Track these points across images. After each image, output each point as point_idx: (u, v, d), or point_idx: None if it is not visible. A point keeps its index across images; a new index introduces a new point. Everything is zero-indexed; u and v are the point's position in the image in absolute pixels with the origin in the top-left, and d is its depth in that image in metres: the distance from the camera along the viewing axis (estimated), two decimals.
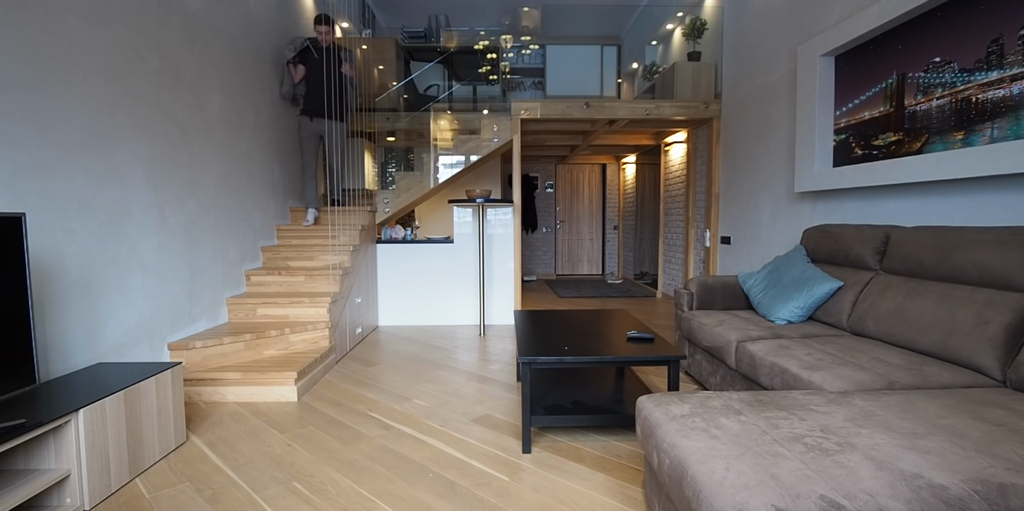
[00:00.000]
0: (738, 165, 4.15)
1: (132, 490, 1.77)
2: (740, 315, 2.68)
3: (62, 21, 2.03)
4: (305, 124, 3.95)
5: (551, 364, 2.01)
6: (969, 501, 0.95)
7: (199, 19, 2.95)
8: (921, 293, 2.02)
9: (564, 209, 8.33)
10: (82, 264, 2.12)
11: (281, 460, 1.99)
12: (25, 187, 1.87)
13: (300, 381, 2.69)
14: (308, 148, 3.98)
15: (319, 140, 4.04)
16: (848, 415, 1.31)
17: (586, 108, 4.45)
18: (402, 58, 5.77)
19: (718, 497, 1.00)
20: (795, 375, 1.82)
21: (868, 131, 2.67)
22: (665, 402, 1.44)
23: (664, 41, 6.13)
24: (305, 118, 3.93)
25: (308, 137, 3.98)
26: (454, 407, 2.54)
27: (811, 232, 2.85)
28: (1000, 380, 1.67)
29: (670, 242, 5.92)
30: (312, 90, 3.90)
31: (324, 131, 3.99)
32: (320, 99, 3.88)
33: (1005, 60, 1.96)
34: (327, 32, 3.89)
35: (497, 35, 5.86)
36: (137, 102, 2.45)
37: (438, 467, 1.92)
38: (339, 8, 5.51)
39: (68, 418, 1.58)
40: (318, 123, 3.95)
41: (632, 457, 1.99)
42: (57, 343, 2.00)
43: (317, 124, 3.95)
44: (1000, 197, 2.04)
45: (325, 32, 3.88)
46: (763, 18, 3.73)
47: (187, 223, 2.83)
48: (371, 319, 4.31)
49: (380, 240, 4.50)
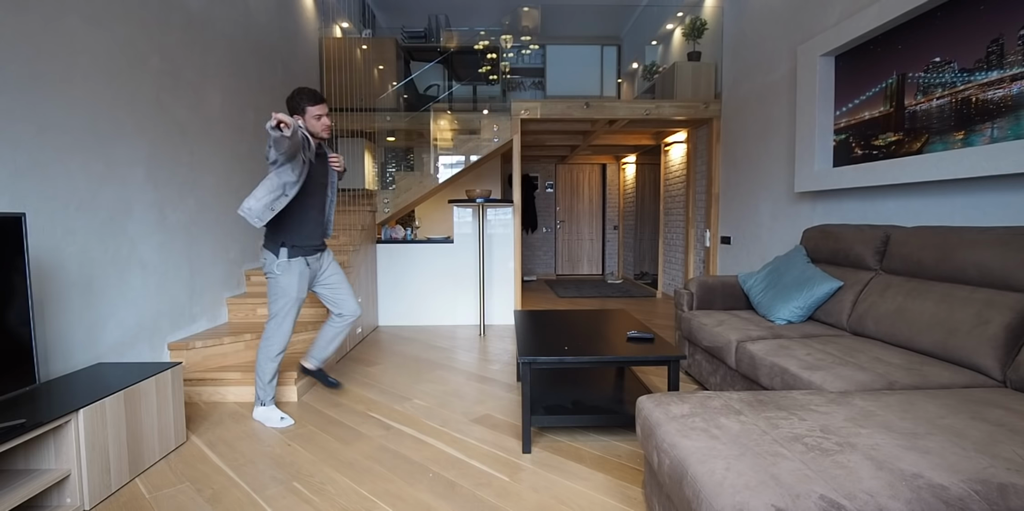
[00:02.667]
0: (738, 165, 4.15)
1: (132, 490, 1.77)
2: (740, 315, 2.68)
3: (62, 21, 2.03)
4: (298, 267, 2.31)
5: (551, 364, 2.01)
6: (969, 501, 0.95)
7: (199, 19, 2.95)
8: (921, 293, 2.02)
9: (564, 209, 8.33)
10: (82, 264, 2.12)
11: (281, 460, 1.99)
12: (25, 187, 1.87)
13: (300, 381, 2.69)
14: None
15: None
16: (848, 415, 1.31)
17: (586, 108, 4.45)
18: (402, 58, 5.77)
19: (718, 497, 1.00)
20: (795, 375, 1.82)
21: (868, 131, 2.67)
22: (665, 402, 1.44)
23: (664, 41, 6.13)
24: (299, 262, 2.30)
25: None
26: (454, 407, 2.54)
27: (811, 232, 2.85)
28: (1000, 380, 1.67)
29: (670, 242, 5.92)
30: (309, 215, 2.33)
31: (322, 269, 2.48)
32: (320, 231, 2.44)
33: (1005, 60, 1.96)
34: (327, 118, 2.30)
35: (497, 35, 5.87)
36: (137, 102, 2.45)
37: (438, 467, 1.92)
38: (339, 8, 5.52)
39: (68, 418, 1.58)
40: (314, 264, 2.40)
41: (632, 457, 1.99)
42: (57, 343, 2.00)
43: (314, 266, 2.40)
44: (1000, 197, 2.04)
45: (325, 121, 2.29)
46: (763, 18, 3.73)
47: (187, 223, 2.83)
48: (371, 319, 4.31)
49: (380, 240, 4.50)
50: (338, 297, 2.51)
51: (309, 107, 2.24)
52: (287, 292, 2.29)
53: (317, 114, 2.26)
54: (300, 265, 2.31)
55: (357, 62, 5.19)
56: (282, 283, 2.28)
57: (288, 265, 2.27)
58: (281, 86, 4.03)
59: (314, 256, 2.40)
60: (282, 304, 2.30)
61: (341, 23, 5.66)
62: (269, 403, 2.37)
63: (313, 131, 2.28)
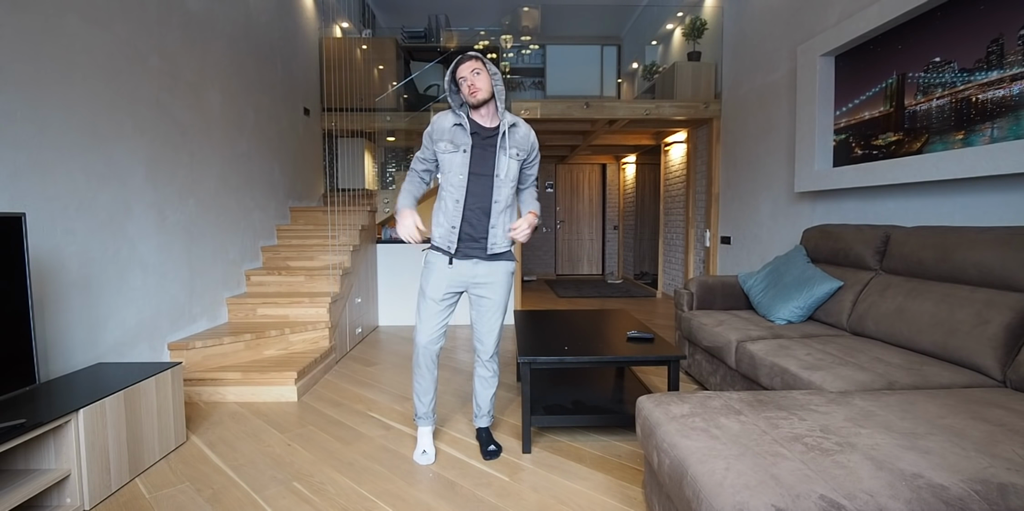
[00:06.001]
0: (738, 165, 4.14)
1: (132, 490, 1.77)
2: (740, 315, 2.68)
3: (62, 21, 2.03)
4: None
5: (551, 364, 2.01)
6: (969, 501, 0.95)
7: (199, 19, 2.95)
8: (921, 293, 2.02)
9: (564, 209, 8.33)
10: (82, 264, 2.12)
11: (281, 460, 1.99)
12: (25, 187, 1.87)
13: (300, 381, 2.69)
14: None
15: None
16: (848, 415, 1.31)
17: (586, 108, 4.45)
18: (402, 58, 5.77)
19: (718, 497, 1.00)
20: (795, 375, 1.82)
21: (868, 131, 2.67)
22: (665, 402, 1.44)
23: (664, 41, 6.12)
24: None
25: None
26: (454, 407, 2.53)
27: (811, 232, 2.84)
28: (1000, 380, 1.67)
29: (670, 242, 5.92)
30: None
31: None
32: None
33: (1005, 60, 1.96)
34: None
35: (497, 35, 5.87)
36: (137, 102, 2.44)
37: (438, 467, 1.92)
38: (339, 8, 5.51)
39: (68, 418, 1.58)
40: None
41: (632, 457, 1.99)
42: (57, 343, 2.00)
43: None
44: (1000, 197, 2.04)
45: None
46: (763, 18, 3.73)
47: (187, 223, 2.83)
48: (371, 319, 4.31)
49: (380, 240, 4.50)
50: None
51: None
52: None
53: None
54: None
55: (357, 62, 5.19)
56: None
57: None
58: (281, 86, 4.03)
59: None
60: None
61: (341, 23, 5.65)
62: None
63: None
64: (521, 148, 1.90)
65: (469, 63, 1.79)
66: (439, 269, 1.94)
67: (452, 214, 1.88)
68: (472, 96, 1.80)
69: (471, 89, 1.79)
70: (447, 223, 1.90)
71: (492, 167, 1.87)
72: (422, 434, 2.04)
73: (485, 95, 1.80)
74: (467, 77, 1.79)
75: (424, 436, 2.03)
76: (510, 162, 1.87)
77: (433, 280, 1.95)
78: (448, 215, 1.89)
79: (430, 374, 2.02)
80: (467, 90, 1.80)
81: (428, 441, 2.02)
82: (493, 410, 2.16)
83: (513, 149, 1.88)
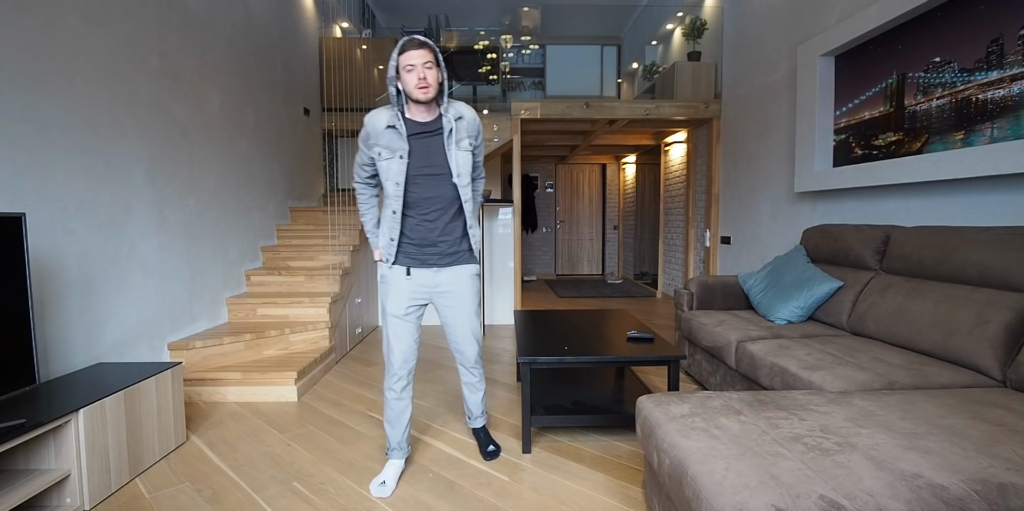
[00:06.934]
0: (738, 165, 4.14)
1: (132, 490, 1.77)
2: (740, 315, 2.68)
3: (62, 21, 2.03)
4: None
5: (551, 364, 2.01)
6: (969, 501, 0.95)
7: (199, 19, 2.95)
8: (921, 293, 2.02)
9: (564, 209, 8.33)
10: (82, 264, 2.12)
11: (281, 460, 1.99)
12: (25, 187, 1.87)
13: (300, 381, 2.69)
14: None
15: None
16: (848, 415, 1.31)
17: (586, 108, 4.45)
18: None
19: (718, 497, 1.00)
20: (795, 375, 1.82)
21: (868, 131, 2.67)
22: (665, 402, 1.44)
23: (664, 41, 6.12)
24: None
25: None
26: (454, 407, 2.53)
27: (811, 232, 2.84)
28: (1000, 380, 1.67)
29: (670, 242, 5.92)
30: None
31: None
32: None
33: (1005, 60, 1.96)
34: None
35: (497, 35, 5.86)
36: (137, 102, 2.44)
37: (438, 467, 1.92)
38: (339, 8, 5.51)
39: (68, 418, 1.58)
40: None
41: (632, 457, 1.99)
42: (57, 343, 2.00)
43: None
44: (1000, 197, 2.04)
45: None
46: (763, 18, 3.73)
47: (187, 223, 2.83)
48: (371, 319, 4.31)
49: None
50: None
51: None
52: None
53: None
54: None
55: (357, 62, 5.19)
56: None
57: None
58: (281, 86, 4.03)
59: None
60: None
61: (341, 23, 5.65)
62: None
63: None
64: (470, 135, 1.75)
65: (422, 51, 1.59)
66: (396, 282, 1.79)
67: (391, 224, 1.75)
68: (421, 91, 1.61)
69: (421, 84, 1.60)
70: (387, 234, 1.76)
71: (445, 165, 1.71)
72: (390, 465, 1.84)
73: (435, 92, 1.64)
74: (418, 68, 1.59)
75: (391, 468, 1.83)
76: (463, 155, 1.73)
77: (392, 295, 1.79)
78: (388, 224, 1.76)
79: (406, 396, 1.87)
80: (415, 83, 1.60)
81: (393, 474, 1.80)
82: (486, 409, 2.14)
83: (464, 141, 1.73)
